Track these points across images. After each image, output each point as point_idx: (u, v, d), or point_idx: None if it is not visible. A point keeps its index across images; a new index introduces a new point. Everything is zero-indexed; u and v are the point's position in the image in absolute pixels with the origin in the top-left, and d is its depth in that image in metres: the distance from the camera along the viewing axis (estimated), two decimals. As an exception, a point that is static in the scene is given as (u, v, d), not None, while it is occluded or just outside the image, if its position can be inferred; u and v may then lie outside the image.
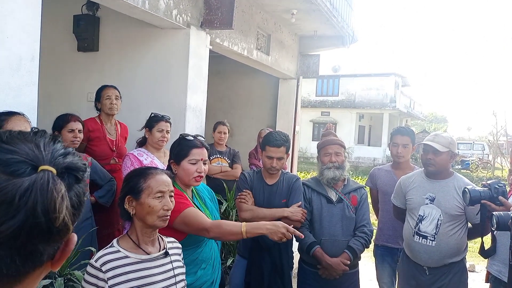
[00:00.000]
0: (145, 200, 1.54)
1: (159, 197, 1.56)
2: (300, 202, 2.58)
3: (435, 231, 2.58)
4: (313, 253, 2.57)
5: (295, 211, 2.51)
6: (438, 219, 2.57)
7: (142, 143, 3.16)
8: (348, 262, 2.55)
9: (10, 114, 2.08)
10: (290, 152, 2.71)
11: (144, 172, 1.60)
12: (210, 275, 2.04)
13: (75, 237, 0.60)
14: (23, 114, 2.18)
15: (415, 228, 2.66)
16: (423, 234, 2.62)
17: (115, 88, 3.35)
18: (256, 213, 2.52)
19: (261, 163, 4.58)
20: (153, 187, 1.55)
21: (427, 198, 2.64)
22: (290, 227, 1.82)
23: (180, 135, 2.12)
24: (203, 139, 2.15)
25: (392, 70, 24.54)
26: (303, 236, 1.94)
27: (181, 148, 2.03)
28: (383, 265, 3.29)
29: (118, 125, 3.45)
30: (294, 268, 2.89)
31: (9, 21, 2.11)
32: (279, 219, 2.49)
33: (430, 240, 2.58)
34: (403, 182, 2.83)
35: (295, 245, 2.78)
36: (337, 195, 2.68)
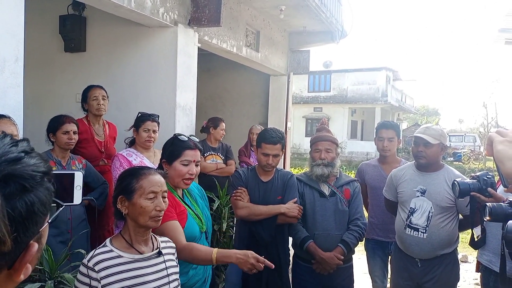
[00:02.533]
0: (137, 200, 1.52)
1: (151, 197, 1.55)
2: (296, 199, 2.58)
3: (426, 223, 2.59)
4: (307, 247, 2.57)
5: (292, 207, 2.51)
6: (429, 212, 2.59)
7: (132, 143, 3.14)
8: (342, 257, 2.55)
9: None
10: (284, 149, 2.70)
11: (137, 172, 1.59)
12: (201, 274, 2.04)
13: (34, 246, 0.59)
14: (9, 117, 2.15)
15: (406, 220, 2.67)
16: (415, 226, 2.63)
17: (102, 88, 3.30)
18: (253, 210, 2.51)
19: (251, 160, 4.61)
20: (146, 187, 1.54)
21: (418, 191, 2.65)
22: (261, 258, 1.71)
23: (174, 134, 2.10)
24: (197, 140, 2.12)
25: (383, 65, 24.69)
26: (273, 267, 1.77)
27: (174, 149, 2.00)
28: (375, 259, 3.32)
29: (107, 126, 3.41)
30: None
31: (-9, 23, 2.08)
32: (275, 215, 2.51)
33: (421, 232, 2.60)
34: (394, 175, 2.84)
35: (291, 241, 2.78)
36: (329, 189, 2.68)
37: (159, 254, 1.59)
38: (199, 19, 3.77)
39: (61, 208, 0.76)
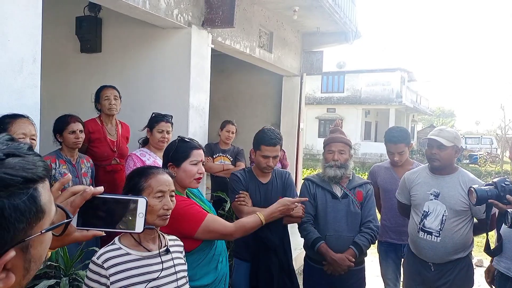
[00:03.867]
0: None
1: (159, 196, 1.57)
2: (297, 198, 2.55)
3: (440, 227, 2.55)
4: (318, 248, 2.55)
5: (289, 201, 2.50)
6: (443, 215, 2.55)
7: (145, 142, 3.17)
8: (353, 259, 2.53)
9: (15, 117, 2.09)
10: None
11: (145, 172, 1.61)
12: (225, 266, 2.08)
13: (9, 254, 0.57)
14: (28, 117, 2.19)
15: (419, 224, 2.63)
16: (428, 230, 2.59)
17: (114, 88, 3.34)
18: None
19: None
20: (154, 186, 1.56)
21: (431, 194, 2.61)
22: (294, 199, 2.19)
23: (178, 137, 2.12)
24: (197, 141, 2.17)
25: (398, 65, 24.39)
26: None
27: (182, 150, 2.01)
28: (387, 261, 3.29)
29: (119, 125, 3.45)
30: (297, 268, 2.88)
31: (10, 24, 2.12)
32: (281, 218, 2.49)
33: (435, 236, 2.56)
34: (407, 178, 2.81)
35: (299, 242, 2.77)
36: (342, 191, 2.65)
37: (167, 251, 1.61)
38: (213, 20, 3.79)
39: (67, 221, 0.74)
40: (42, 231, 0.62)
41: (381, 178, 3.30)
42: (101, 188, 0.87)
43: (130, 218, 0.91)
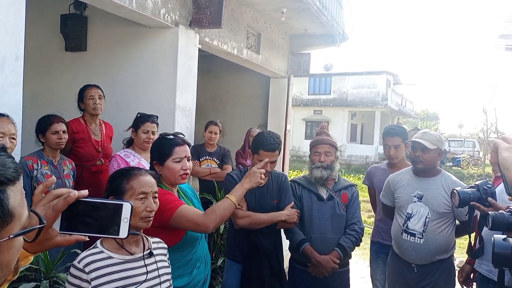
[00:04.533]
0: None
1: (141, 198, 1.55)
2: (292, 203, 2.56)
3: (423, 229, 2.59)
4: (303, 250, 2.56)
5: (291, 213, 2.49)
6: (426, 217, 2.59)
7: (129, 143, 3.13)
8: (338, 260, 2.54)
9: None
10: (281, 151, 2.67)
11: (127, 173, 1.59)
12: (203, 273, 2.05)
13: None
14: (8, 116, 2.15)
15: (403, 226, 2.67)
16: (411, 231, 2.63)
17: (98, 87, 3.28)
18: (254, 219, 2.43)
19: (248, 162, 4.58)
20: (136, 188, 1.54)
21: (415, 196, 2.65)
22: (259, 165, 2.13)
23: (160, 135, 2.10)
24: (183, 136, 2.13)
25: (384, 68, 24.70)
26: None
27: (163, 148, 2.00)
28: (377, 262, 3.30)
29: (103, 125, 3.39)
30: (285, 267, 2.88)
31: (-9, 21, 2.08)
32: (276, 223, 2.49)
33: (418, 237, 2.60)
34: (391, 180, 2.84)
35: (286, 244, 2.77)
36: (327, 193, 2.67)
37: (150, 254, 1.58)
38: (200, 21, 3.77)
39: (39, 226, 0.70)
40: (10, 236, 0.59)
41: (377, 179, 3.30)
42: (85, 192, 0.86)
43: (114, 223, 0.90)
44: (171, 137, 2.04)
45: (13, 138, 2.12)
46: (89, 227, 0.87)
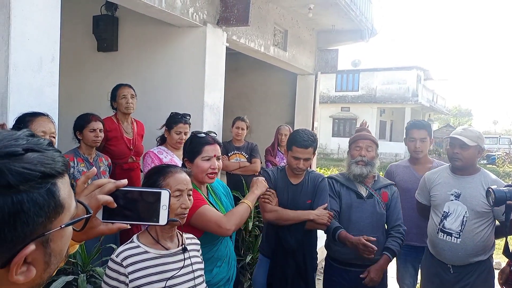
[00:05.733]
0: None
1: (177, 195, 1.57)
2: (326, 204, 2.49)
3: (460, 228, 2.50)
4: (338, 236, 2.46)
5: (321, 213, 2.43)
6: (463, 216, 2.50)
7: (162, 140, 3.18)
8: (372, 238, 2.40)
9: (35, 115, 2.12)
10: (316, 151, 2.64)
11: (163, 170, 1.62)
12: (225, 272, 2.04)
13: (29, 248, 0.58)
14: (47, 115, 2.22)
15: (439, 225, 2.58)
16: (448, 231, 2.54)
17: (130, 86, 3.35)
18: (281, 214, 2.44)
19: (277, 160, 4.58)
20: (172, 185, 1.57)
21: (452, 194, 2.56)
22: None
23: (192, 132, 2.13)
24: (215, 135, 2.14)
25: (414, 63, 24.06)
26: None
27: (194, 146, 2.03)
28: (406, 266, 3.18)
29: (134, 123, 3.46)
30: (318, 268, 2.84)
31: (29, 24, 2.16)
32: (304, 221, 2.45)
33: (455, 237, 2.51)
34: (427, 178, 2.75)
35: (319, 244, 2.73)
36: (367, 191, 2.59)
37: (184, 250, 1.61)
38: (228, 19, 3.79)
39: (86, 216, 0.73)
40: (62, 226, 0.63)
41: (399, 177, 3.18)
42: (124, 181, 0.89)
43: (153, 210, 0.91)
44: (202, 135, 2.06)
45: (53, 137, 2.20)
46: (130, 215, 0.89)
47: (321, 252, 2.77)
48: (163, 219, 0.92)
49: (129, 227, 0.90)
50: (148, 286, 1.47)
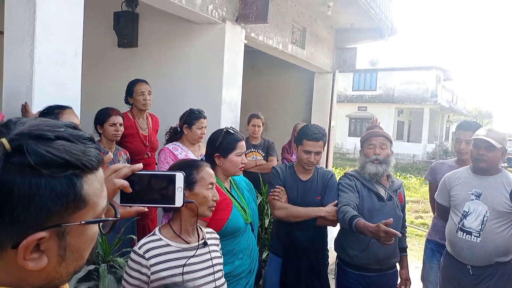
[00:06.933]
0: (200, 190, 1.59)
1: (210, 188, 1.62)
2: (336, 201, 2.46)
3: (480, 227, 2.46)
4: (355, 225, 2.26)
5: (331, 210, 2.42)
6: (484, 215, 2.45)
7: (172, 135, 3.14)
8: (390, 221, 2.25)
9: (63, 107, 2.15)
10: (327, 146, 2.63)
11: (195, 164, 1.66)
12: (247, 264, 2.07)
13: (38, 234, 0.57)
14: (71, 108, 2.26)
15: (459, 223, 2.54)
16: (468, 230, 2.50)
17: (147, 83, 3.36)
18: (291, 211, 2.43)
19: (293, 157, 4.57)
20: (206, 178, 1.62)
21: (472, 194, 2.53)
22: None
23: (225, 128, 2.21)
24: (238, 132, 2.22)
25: (434, 63, 23.65)
26: None
27: (229, 142, 2.12)
28: (432, 263, 3.14)
29: (149, 118, 3.47)
30: (330, 264, 2.82)
31: (53, 19, 2.20)
32: (315, 218, 2.45)
33: (474, 236, 2.47)
34: (447, 178, 2.72)
35: (330, 242, 2.72)
36: (386, 193, 2.50)
37: (205, 244, 1.62)
38: (247, 16, 3.79)
39: (113, 219, 0.72)
40: (82, 222, 0.61)
41: (442, 175, 3.03)
42: (140, 165, 0.90)
43: (169, 192, 0.93)
44: (234, 132, 2.18)
45: None
46: (146, 198, 0.91)
47: (331, 250, 2.74)
48: (179, 201, 0.94)
49: (147, 209, 0.92)
50: (169, 279, 1.48)
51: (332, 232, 2.89)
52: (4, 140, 0.56)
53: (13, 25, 2.19)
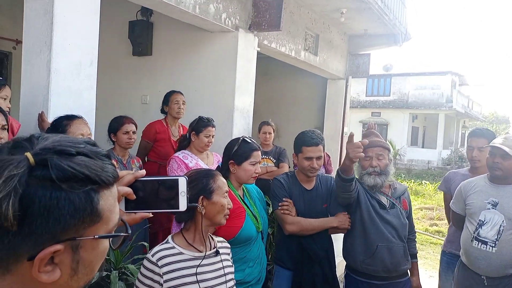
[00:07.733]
0: (218, 199, 1.62)
1: (225, 196, 1.65)
2: (346, 212, 2.45)
3: (496, 237, 2.41)
4: (339, 169, 2.29)
5: (342, 219, 2.41)
6: (500, 225, 2.41)
7: (181, 142, 3.17)
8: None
9: (72, 118, 2.18)
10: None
11: (211, 174, 1.69)
12: (257, 273, 2.08)
13: (54, 247, 0.57)
14: (82, 117, 2.30)
15: (474, 233, 2.50)
16: (483, 239, 2.45)
17: (182, 94, 3.57)
18: (304, 225, 2.36)
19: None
20: (222, 187, 1.65)
21: (489, 203, 2.48)
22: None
23: (242, 137, 2.25)
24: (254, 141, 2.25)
25: (449, 68, 23.35)
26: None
27: (244, 151, 2.16)
28: (448, 274, 3.07)
29: (181, 128, 3.65)
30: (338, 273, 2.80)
31: (69, 30, 2.25)
32: (327, 229, 2.45)
33: (490, 246, 2.42)
34: (463, 187, 2.68)
35: (338, 251, 2.68)
36: (388, 201, 2.46)
37: (217, 253, 1.63)
38: (260, 24, 3.82)
39: (124, 234, 0.74)
40: (96, 236, 0.62)
41: (455, 185, 3.00)
42: (143, 172, 0.90)
43: (173, 197, 0.94)
44: (250, 141, 2.21)
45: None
46: (151, 204, 0.92)
47: (339, 259, 2.72)
48: (182, 205, 0.94)
49: (151, 215, 0.93)
50: (181, 287, 1.49)
51: (337, 239, 2.86)
52: (28, 154, 0.58)
53: (31, 36, 2.25)
